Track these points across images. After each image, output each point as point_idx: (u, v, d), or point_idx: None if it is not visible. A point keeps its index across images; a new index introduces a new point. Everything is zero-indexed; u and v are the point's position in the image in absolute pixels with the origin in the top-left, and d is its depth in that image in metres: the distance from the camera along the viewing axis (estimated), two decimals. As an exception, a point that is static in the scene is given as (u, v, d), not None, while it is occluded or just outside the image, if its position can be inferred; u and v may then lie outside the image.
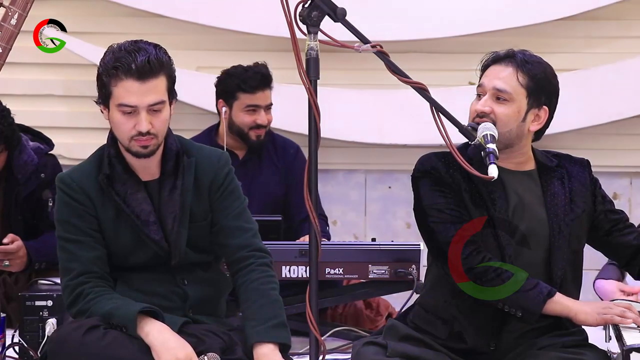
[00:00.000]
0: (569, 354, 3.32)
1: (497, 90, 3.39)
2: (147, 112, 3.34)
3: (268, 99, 5.03)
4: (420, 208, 3.44)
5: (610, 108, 5.64)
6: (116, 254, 3.45)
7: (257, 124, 5.00)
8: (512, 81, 3.40)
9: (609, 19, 5.69)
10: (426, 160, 3.46)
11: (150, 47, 3.35)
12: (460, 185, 3.39)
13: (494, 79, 3.41)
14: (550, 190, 3.44)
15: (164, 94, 3.35)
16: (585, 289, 4.85)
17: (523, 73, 3.40)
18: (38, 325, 3.99)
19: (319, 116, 2.99)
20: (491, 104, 3.39)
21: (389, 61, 3.08)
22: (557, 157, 3.54)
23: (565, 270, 3.40)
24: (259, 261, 3.44)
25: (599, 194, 3.52)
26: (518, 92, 3.40)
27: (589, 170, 3.55)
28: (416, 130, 5.42)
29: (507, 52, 3.46)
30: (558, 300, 3.30)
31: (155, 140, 3.37)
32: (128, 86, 3.31)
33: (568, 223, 3.41)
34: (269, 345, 3.32)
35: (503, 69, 3.42)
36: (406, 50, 5.45)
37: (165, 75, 3.36)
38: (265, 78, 5.00)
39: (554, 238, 3.39)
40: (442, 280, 3.44)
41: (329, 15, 3.01)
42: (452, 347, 3.39)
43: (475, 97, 3.44)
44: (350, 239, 5.77)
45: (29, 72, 5.70)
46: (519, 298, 3.28)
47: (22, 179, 4.56)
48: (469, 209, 3.38)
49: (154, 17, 5.69)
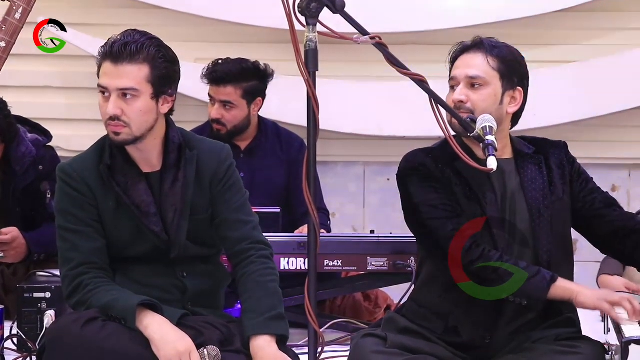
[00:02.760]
0: (564, 347, 3.33)
1: (470, 78, 3.41)
2: (119, 96, 3.34)
3: (221, 94, 4.98)
4: (411, 205, 3.42)
5: (608, 100, 5.64)
6: (116, 245, 3.45)
7: (212, 117, 5.00)
8: (484, 66, 3.42)
9: (608, 10, 5.69)
10: (412, 156, 3.45)
11: (139, 36, 3.37)
12: (451, 179, 3.39)
13: (465, 68, 3.43)
14: (528, 177, 3.44)
15: (139, 82, 3.34)
16: (586, 282, 4.85)
17: (493, 57, 3.43)
18: (36, 317, 3.99)
19: (317, 108, 2.99)
20: (467, 92, 3.40)
21: (388, 53, 3.07)
22: (534, 143, 3.53)
23: (551, 253, 3.39)
24: (259, 253, 3.45)
25: (576, 173, 3.52)
26: (491, 76, 3.43)
27: (566, 151, 3.55)
28: (415, 122, 5.42)
29: (474, 40, 3.48)
30: (560, 284, 3.30)
31: (127, 130, 3.36)
32: (105, 68, 3.36)
33: (548, 206, 3.41)
34: (265, 337, 3.32)
35: (472, 56, 3.44)
36: (405, 42, 5.45)
37: (147, 66, 3.35)
38: (224, 74, 4.96)
39: (534, 223, 3.39)
40: (436, 276, 3.44)
41: (328, 6, 3.01)
42: (448, 341, 3.39)
43: (450, 91, 3.45)
44: (349, 231, 5.77)
45: (27, 63, 5.69)
46: (523, 287, 3.29)
47: (20, 171, 4.55)
48: (462, 203, 3.37)
49: (153, 9, 5.68)
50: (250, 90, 4.99)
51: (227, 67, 4.98)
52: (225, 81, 4.96)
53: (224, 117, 4.98)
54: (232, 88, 4.97)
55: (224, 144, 3.60)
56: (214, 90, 5.01)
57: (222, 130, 4.99)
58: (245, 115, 5.00)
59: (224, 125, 4.99)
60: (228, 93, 4.97)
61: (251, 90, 5.00)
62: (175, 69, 3.43)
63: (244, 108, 5.00)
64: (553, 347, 3.33)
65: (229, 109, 4.98)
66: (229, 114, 4.98)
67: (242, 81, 4.97)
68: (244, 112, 5.00)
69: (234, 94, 4.97)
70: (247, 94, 4.99)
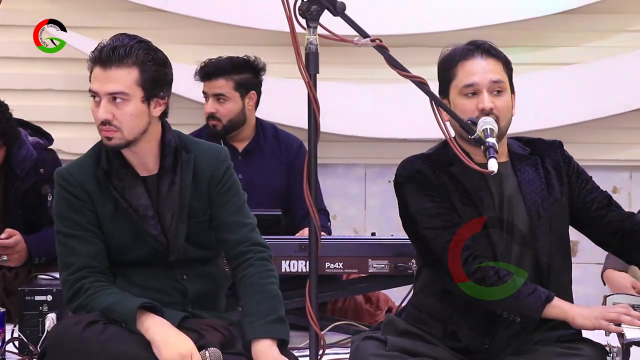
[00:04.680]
0: (566, 349, 3.32)
1: (493, 83, 3.35)
2: (109, 101, 3.34)
3: (213, 88, 5.01)
4: (408, 214, 3.40)
5: (609, 102, 5.64)
6: (115, 249, 3.45)
7: (207, 113, 5.01)
8: (500, 70, 3.38)
9: (609, 12, 5.69)
10: (409, 163, 3.42)
11: (127, 39, 3.36)
12: (447, 186, 3.37)
13: (486, 73, 3.35)
14: (526, 178, 3.42)
15: (128, 86, 3.33)
16: (587, 284, 4.85)
17: (500, 60, 3.39)
18: (38, 320, 3.99)
19: (318, 110, 2.99)
20: (492, 99, 3.34)
21: (389, 55, 3.07)
22: (530, 144, 3.50)
23: (551, 255, 3.39)
24: (258, 255, 3.45)
25: (575, 173, 3.49)
26: (506, 80, 3.40)
27: (562, 151, 3.51)
28: (416, 124, 5.42)
29: (475, 44, 3.40)
30: (556, 304, 3.28)
31: (119, 134, 3.35)
32: (95, 73, 3.37)
33: (547, 207, 3.40)
34: (266, 341, 3.32)
35: (483, 61, 3.37)
36: (406, 44, 5.45)
37: (137, 69, 3.34)
38: (214, 67, 5.00)
39: (534, 225, 3.37)
40: (434, 281, 3.43)
41: (329, 9, 3.01)
42: (448, 345, 3.39)
43: (464, 97, 3.35)
44: (350, 233, 5.77)
45: (28, 66, 5.70)
46: (518, 304, 3.27)
47: (21, 173, 4.56)
48: (458, 209, 3.35)
49: (153, 12, 5.68)
50: (242, 82, 5.02)
51: (217, 61, 5.03)
52: (216, 74, 5.00)
53: (219, 111, 5.00)
54: (224, 80, 5.01)
55: (221, 146, 3.60)
56: (207, 86, 5.04)
57: (217, 125, 5.01)
58: (239, 108, 5.02)
59: (219, 120, 5.01)
60: (220, 86, 5.01)
61: (243, 83, 5.02)
62: (165, 72, 3.41)
63: (238, 101, 5.02)
64: (554, 349, 3.32)
65: (223, 102, 5.00)
66: (222, 107, 5.00)
67: (232, 73, 5.01)
68: (238, 105, 5.02)
69: (226, 85, 5.00)
70: (239, 86, 5.02)
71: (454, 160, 3.29)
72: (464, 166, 3.22)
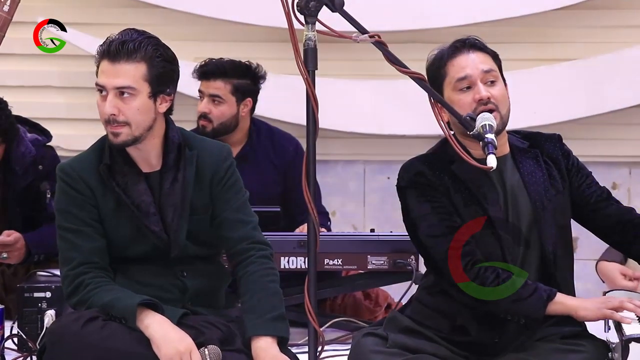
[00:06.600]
0: (568, 345, 3.32)
1: (486, 73, 3.36)
2: (116, 95, 3.34)
3: (210, 88, 4.98)
4: (409, 220, 3.41)
5: (609, 98, 5.63)
6: (116, 245, 3.45)
7: (199, 112, 4.99)
8: (490, 61, 3.40)
9: (607, 8, 5.68)
10: (410, 166, 3.42)
11: (136, 35, 3.37)
12: (448, 187, 3.36)
13: (476, 64, 3.37)
14: (527, 170, 3.42)
15: (135, 81, 3.33)
16: (586, 279, 4.85)
17: (488, 53, 3.41)
18: (37, 316, 3.99)
19: (317, 107, 2.99)
20: (487, 88, 3.35)
21: (387, 51, 3.07)
22: (529, 138, 3.50)
23: (556, 246, 3.39)
24: (259, 253, 3.45)
25: (574, 167, 3.49)
26: (497, 70, 3.41)
27: (561, 144, 3.52)
28: (415, 120, 5.42)
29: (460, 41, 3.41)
30: (558, 300, 3.28)
31: (127, 130, 3.36)
32: (102, 66, 3.36)
33: (550, 198, 3.40)
34: (266, 339, 3.32)
35: (472, 54, 3.38)
36: (404, 40, 5.44)
37: (145, 65, 3.34)
38: (215, 68, 4.96)
39: (538, 215, 3.37)
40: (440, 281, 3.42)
41: (327, 5, 3.00)
42: (455, 341, 3.37)
43: (459, 93, 3.36)
44: (349, 230, 5.77)
45: (26, 63, 5.70)
46: (520, 306, 3.27)
47: (20, 170, 4.55)
48: (460, 211, 3.34)
49: (152, 8, 5.68)
50: (240, 87, 4.99)
51: (219, 62, 5.00)
52: (215, 75, 4.97)
53: (212, 112, 4.97)
54: (222, 82, 4.97)
55: (224, 143, 3.60)
56: (204, 85, 5.01)
57: (207, 127, 4.96)
58: (233, 113, 4.98)
59: (211, 121, 4.97)
60: (217, 87, 4.98)
61: (241, 88, 4.99)
62: (173, 68, 3.42)
63: (233, 105, 4.98)
64: (557, 345, 3.32)
65: (217, 104, 4.97)
66: (216, 109, 4.97)
67: (232, 77, 4.97)
68: (232, 109, 4.98)
69: (223, 88, 4.97)
70: (236, 90, 4.98)
71: (454, 158, 3.28)
72: (464, 163, 3.22)
